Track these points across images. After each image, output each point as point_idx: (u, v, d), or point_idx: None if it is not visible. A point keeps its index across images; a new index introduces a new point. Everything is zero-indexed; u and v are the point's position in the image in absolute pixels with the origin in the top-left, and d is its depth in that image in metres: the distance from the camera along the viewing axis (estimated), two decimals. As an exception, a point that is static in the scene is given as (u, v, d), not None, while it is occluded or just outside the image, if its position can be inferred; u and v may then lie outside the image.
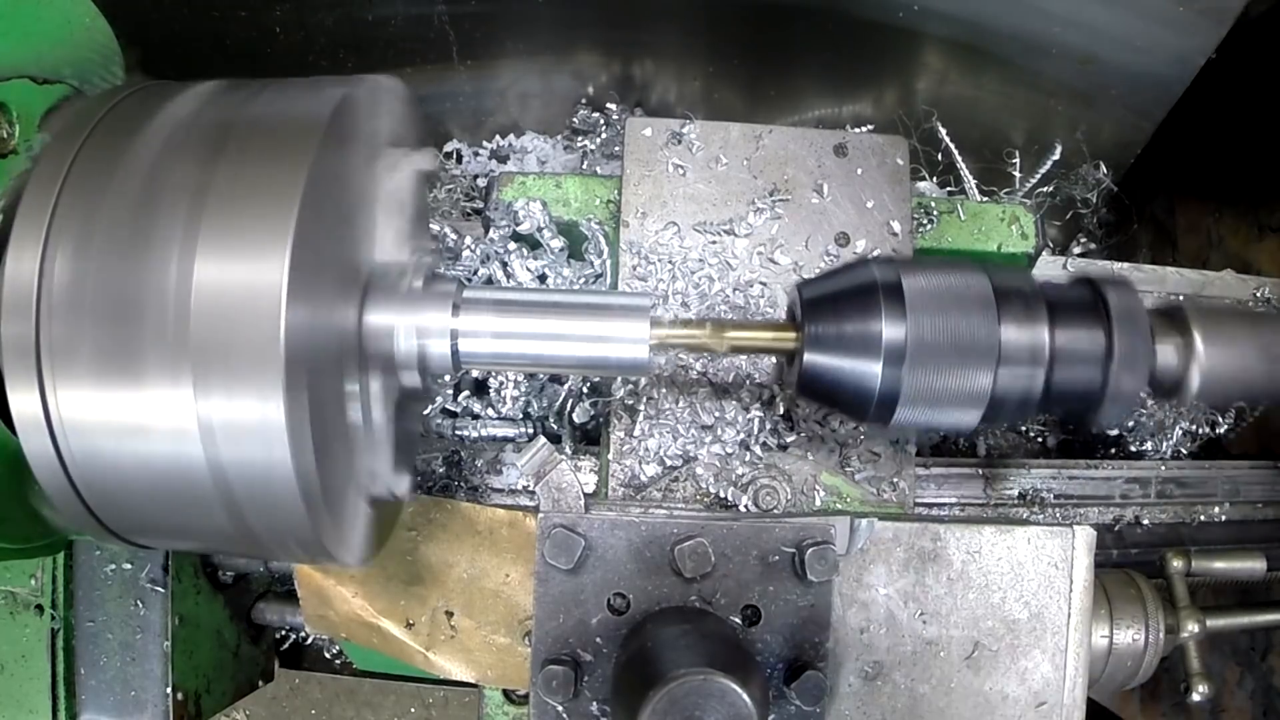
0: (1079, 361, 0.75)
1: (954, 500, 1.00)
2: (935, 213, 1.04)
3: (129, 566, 1.14)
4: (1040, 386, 0.75)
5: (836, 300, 0.76)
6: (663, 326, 0.76)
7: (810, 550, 0.76)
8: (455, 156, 1.42)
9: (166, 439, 0.62)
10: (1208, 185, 1.36)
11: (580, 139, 1.39)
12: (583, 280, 1.06)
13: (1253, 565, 1.01)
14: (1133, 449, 1.25)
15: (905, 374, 0.73)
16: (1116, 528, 1.13)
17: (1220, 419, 1.26)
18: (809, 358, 0.76)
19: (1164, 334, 0.79)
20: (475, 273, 1.07)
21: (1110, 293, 0.77)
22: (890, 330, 0.73)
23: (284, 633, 1.48)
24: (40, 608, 1.11)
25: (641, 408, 0.92)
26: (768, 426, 0.92)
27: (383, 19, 1.21)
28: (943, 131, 1.23)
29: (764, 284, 0.95)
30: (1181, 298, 1.23)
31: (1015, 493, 1.01)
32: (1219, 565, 1.02)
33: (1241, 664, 1.39)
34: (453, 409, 1.12)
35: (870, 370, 0.74)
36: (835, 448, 0.92)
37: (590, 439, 1.08)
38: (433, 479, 1.02)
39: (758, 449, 0.91)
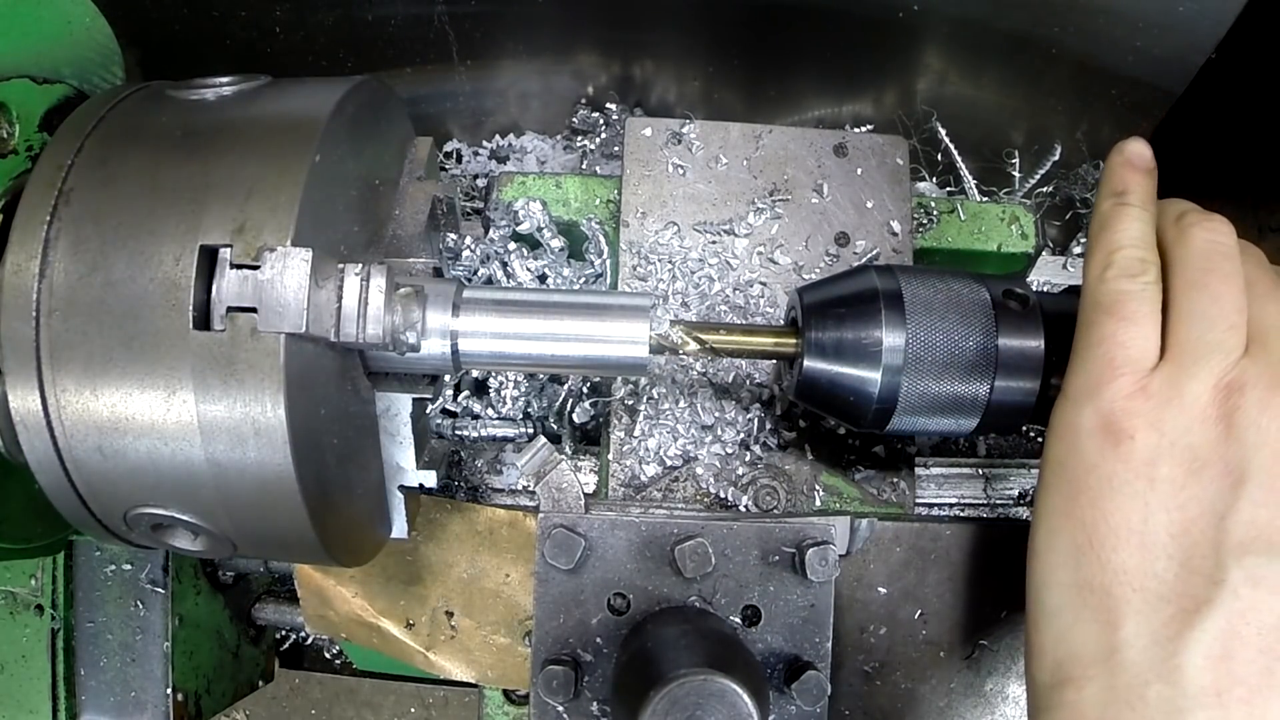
0: None
1: (954, 500, 1.00)
2: (935, 213, 1.04)
3: (129, 567, 1.14)
4: (1035, 395, 0.75)
5: (837, 307, 0.76)
6: (663, 328, 0.76)
7: (810, 550, 0.76)
8: (455, 156, 1.42)
9: (167, 440, 0.62)
10: (1208, 185, 1.36)
11: (580, 139, 1.39)
12: (583, 280, 1.06)
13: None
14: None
15: (903, 382, 0.74)
16: (1116, 528, 1.13)
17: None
18: (809, 364, 0.76)
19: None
20: (475, 273, 1.07)
21: None
22: (890, 339, 0.73)
23: (284, 633, 1.48)
24: (40, 608, 1.11)
25: (641, 408, 0.92)
26: (768, 426, 0.92)
27: (383, 19, 1.21)
28: (943, 131, 1.23)
29: (764, 284, 0.95)
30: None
31: (1015, 493, 1.01)
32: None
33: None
34: (453, 409, 1.12)
35: (869, 377, 0.74)
36: (835, 447, 0.92)
37: (590, 439, 1.08)
38: (433, 479, 1.02)
39: (758, 449, 0.91)
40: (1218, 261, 0.66)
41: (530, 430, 1.10)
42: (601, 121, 1.37)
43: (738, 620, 0.78)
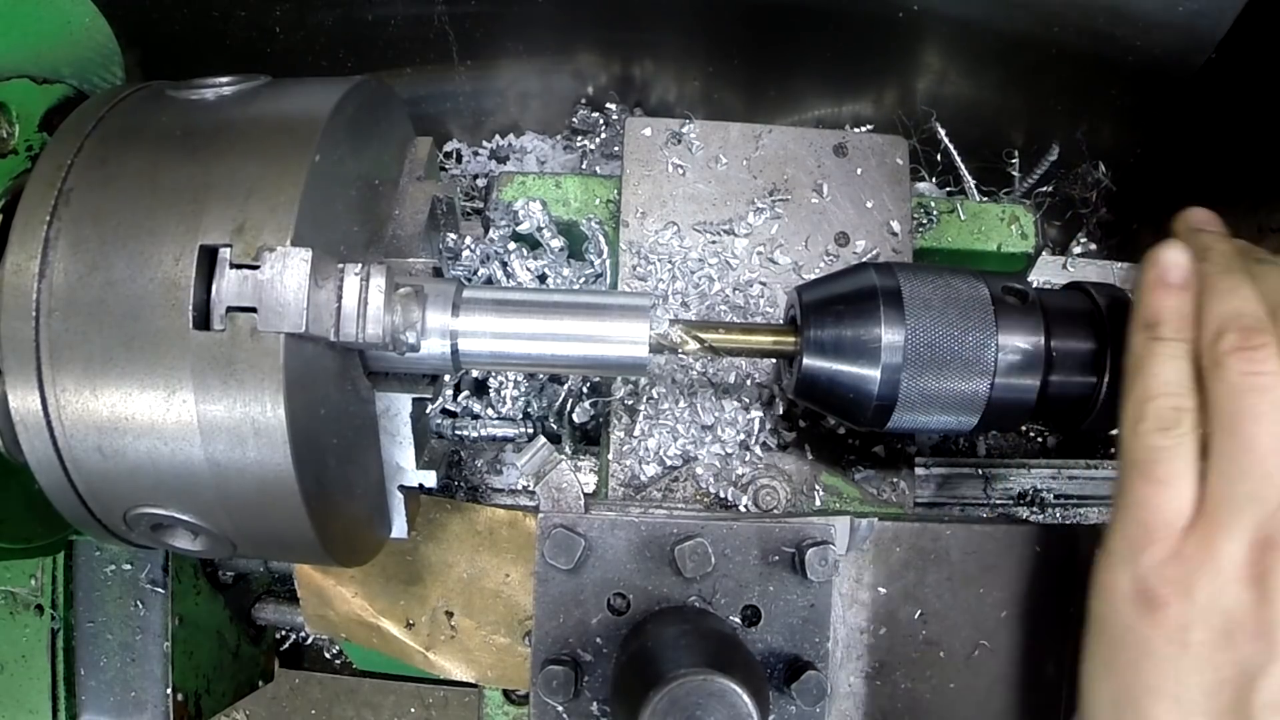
0: (1074, 368, 0.76)
1: (954, 500, 1.00)
2: (935, 213, 1.04)
3: (129, 566, 1.14)
4: (1036, 393, 0.75)
5: (836, 305, 0.76)
6: (663, 327, 0.76)
7: (810, 550, 0.76)
8: (455, 156, 1.42)
9: (167, 440, 0.62)
10: (1208, 185, 1.36)
11: (580, 139, 1.39)
12: (583, 280, 1.06)
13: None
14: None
15: (903, 379, 0.74)
16: (1116, 528, 1.13)
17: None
18: (808, 361, 0.76)
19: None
20: (475, 273, 1.07)
21: (1104, 300, 0.78)
22: (889, 336, 0.73)
23: (284, 633, 1.48)
24: (40, 608, 1.11)
25: (641, 408, 0.92)
26: (768, 426, 0.92)
27: (383, 19, 1.21)
28: (942, 131, 1.24)
29: (764, 284, 0.95)
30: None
31: (1015, 492, 1.01)
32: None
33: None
34: (453, 409, 1.12)
35: (868, 375, 0.74)
36: (835, 447, 0.92)
37: (590, 439, 1.08)
38: (433, 479, 1.02)
39: (758, 449, 0.91)
40: (1251, 400, 0.62)
41: (530, 430, 1.10)
42: (601, 121, 1.37)
43: (738, 620, 0.78)
